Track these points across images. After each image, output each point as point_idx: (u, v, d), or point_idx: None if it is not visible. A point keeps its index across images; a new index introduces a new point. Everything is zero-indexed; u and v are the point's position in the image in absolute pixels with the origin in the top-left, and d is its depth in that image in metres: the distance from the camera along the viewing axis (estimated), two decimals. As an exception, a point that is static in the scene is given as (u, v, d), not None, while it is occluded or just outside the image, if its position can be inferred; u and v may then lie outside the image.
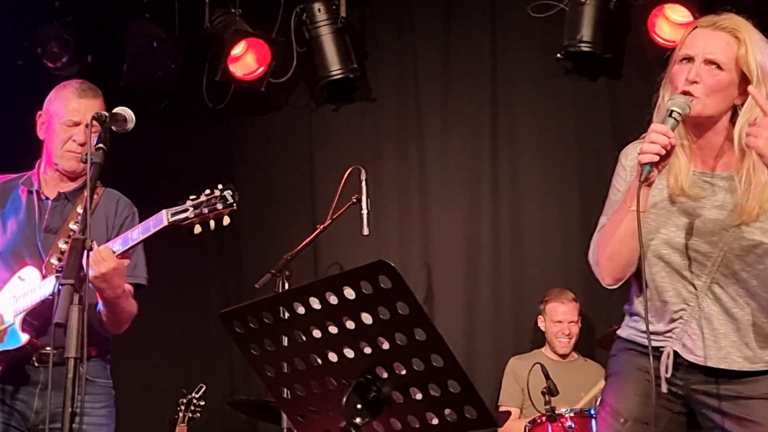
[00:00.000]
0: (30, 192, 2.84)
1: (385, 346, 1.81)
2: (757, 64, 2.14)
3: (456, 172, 4.85)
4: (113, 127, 2.57)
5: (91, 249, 2.27)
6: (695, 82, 2.15)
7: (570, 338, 4.42)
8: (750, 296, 2.23)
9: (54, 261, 2.69)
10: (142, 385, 4.68)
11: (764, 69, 2.15)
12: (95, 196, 2.81)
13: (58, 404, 2.18)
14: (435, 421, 1.83)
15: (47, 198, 2.82)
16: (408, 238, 4.86)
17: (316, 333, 1.86)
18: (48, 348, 2.60)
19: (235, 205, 2.55)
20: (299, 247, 3.99)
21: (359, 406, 1.83)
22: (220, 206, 2.54)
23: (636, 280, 2.32)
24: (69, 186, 2.83)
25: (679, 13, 4.32)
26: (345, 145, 4.97)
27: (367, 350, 1.83)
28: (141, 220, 2.75)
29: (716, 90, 2.16)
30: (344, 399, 1.82)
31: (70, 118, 2.76)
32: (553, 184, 4.75)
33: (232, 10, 4.80)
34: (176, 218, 2.54)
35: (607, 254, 2.26)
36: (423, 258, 4.81)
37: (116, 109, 2.58)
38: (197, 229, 2.55)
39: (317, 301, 1.83)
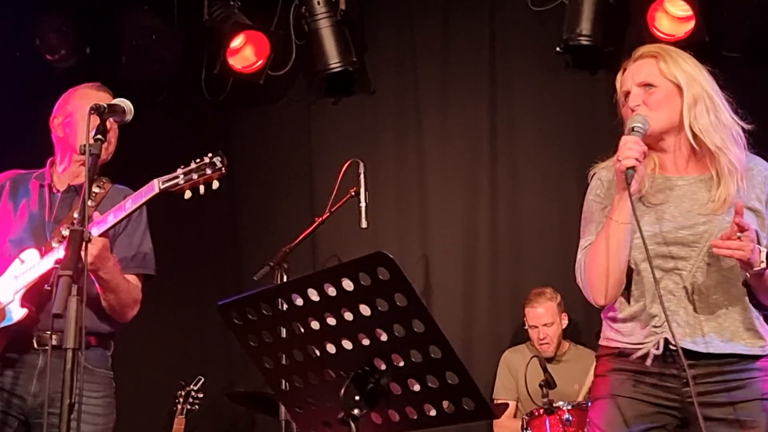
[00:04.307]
0: (41, 185, 2.90)
1: (384, 337, 1.81)
2: (681, 70, 2.35)
3: (454, 165, 4.85)
4: (112, 119, 2.58)
5: (90, 240, 2.28)
6: (638, 106, 2.35)
7: (548, 343, 4.35)
8: (729, 283, 2.29)
9: (55, 244, 2.73)
10: (140, 377, 4.68)
11: (688, 73, 2.35)
12: (102, 190, 2.87)
13: (55, 389, 2.19)
14: (433, 413, 1.84)
15: (58, 191, 2.88)
16: (406, 230, 4.86)
17: (315, 324, 1.87)
18: (49, 332, 2.63)
19: (223, 169, 2.59)
20: (298, 240, 3.99)
21: (357, 397, 1.83)
22: (209, 171, 2.59)
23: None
24: (80, 180, 2.86)
25: (679, 7, 4.32)
26: (344, 137, 4.97)
27: (366, 342, 1.83)
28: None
29: (659, 105, 2.34)
30: (342, 390, 1.83)
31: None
32: (552, 177, 4.75)
33: (231, 3, 4.79)
34: (167, 185, 2.60)
35: (599, 272, 2.31)
36: (421, 250, 4.81)
37: (115, 101, 2.59)
38: (187, 194, 2.61)
39: (316, 292, 1.83)
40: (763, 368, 2.30)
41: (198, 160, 2.61)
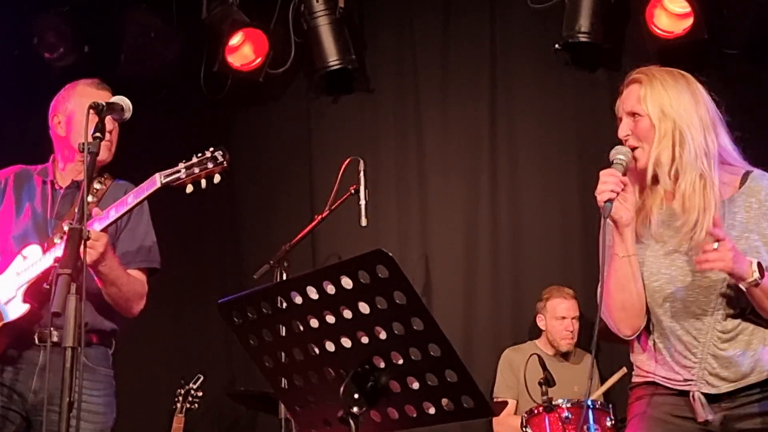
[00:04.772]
0: (44, 182, 2.90)
1: (383, 335, 1.81)
2: (656, 102, 2.27)
3: (454, 163, 4.85)
4: (111, 117, 2.57)
5: (89, 238, 2.28)
6: (627, 136, 2.32)
7: (573, 337, 4.36)
8: (752, 317, 2.25)
9: (57, 240, 2.74)
10: (140, 375, 4.68)
11: (663, 106, 2.26)
12: (103, 186, 2.87)
13: (56, 385, 2.19)
14: (432, 411, 1.84)
15: (60, 187, 2.88)
16: (406, 229, 4.86)
17: (314, 323, 1.86)
18: (50, 328, 2.63)
19: (225, 163, 2.60)
20: (297, 238, 3.99)
21: (357, 395, 1.83)
22: (210, 165, 2.60)
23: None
24: (80, 175, 2.85)
25: (678, 4, 4.31)
26: (343, 136, 4.97)
27: (365, 340, 1.83)
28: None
29: (647, 137, 2.29)
30: (342, 389, 1.83)
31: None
32: (552, 175, 4.75)
33: (230, 0, 4.78)
34: (169, 179, 2.61)
35: (616, 307, 2.29)
36: (421, 249, 4.81)
37: (113, 99, 2.59)
38: (189, 188, 2.62)
39: (315, 290, 1.83)
40: None
41: (199, 155, 2.61)
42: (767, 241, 2.25)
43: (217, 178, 2.61)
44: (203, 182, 2.61)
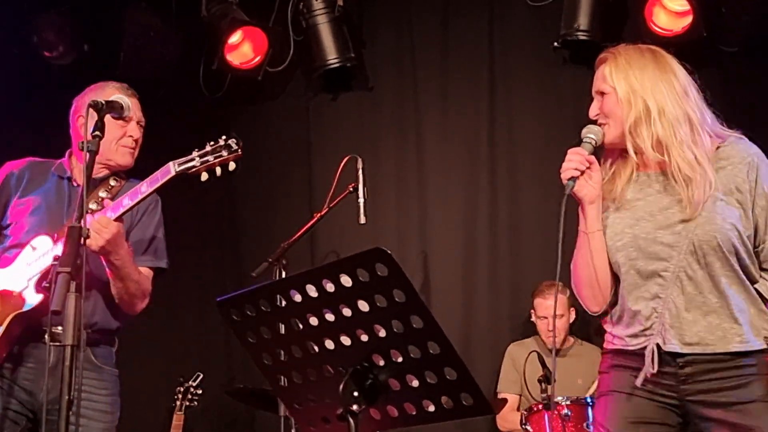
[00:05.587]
0: (61, 178, 2.89)
1: (382, 333, 1.81)
2: (623, 79, 2.33)
3: (453, 160, 4.85)
4: (111, 115, 2.57)
5: (88, 237, 2.28)
6: (597, 115, 2.39)
7: (558, 333, 4.34)
8: (718, 280, 2.27)
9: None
10: (139, 373, 4.67)
11: (631, 84, 2.31)
12: (117, 184, 2.87)
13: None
14: (431, 408, 1.84)
15: (78, 185, 2.86)
16: (405, 226, 4.86)
17: (313, 321, 1.86)
18: (60, 328, 2.63)
19: (239, 150, 2.61)
20: (296, 236, 3.99)
21: (356, 393, 1.83)
22: (225, 153, 2.61)
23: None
24: (96, 174, 2.86)
25: (676, 2, 4.31)
26: (343, 134, 4.97)
27: (364, 338, 1.83)
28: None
29: (612, 113, 2.35)
30: (341, 386, 1.83)
31: (127, 113, 2.78)
32: (551, 172, 4.68)
33: (229, -1, 4.79)
34: (183, 167, 2.60)
35: (583, 283, 2.39)
36: (420, 247, 4.81)
37: (113, 97, 2.59)
38: (204, 176, 2.62)
39: (314, 288, 1.83)
40: (763, 364, 2.27)
41: (212, 143, 2.62)
42: (734, 199, 2.27)
43: (232, 166, 2.62)
44: (218, 170, 2.61)
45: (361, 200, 3.95)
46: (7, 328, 2.68)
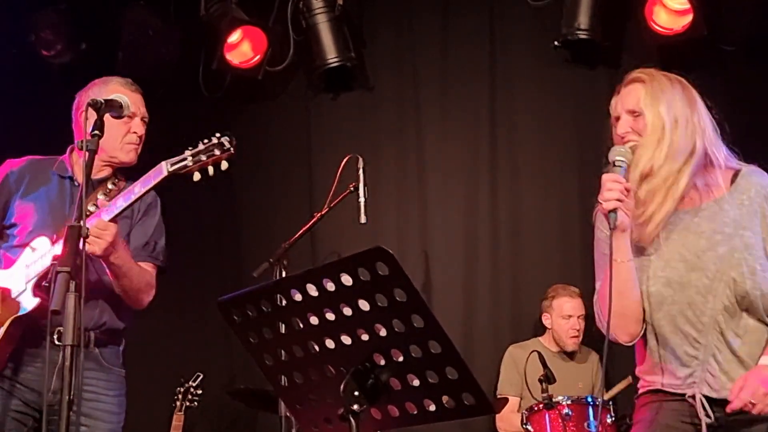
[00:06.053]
0: (62, 177, 2.88)
1: (383, 332, 1.80)
2: (654, 103, 2.29)
3: (454, 160, 4.85)
4: (110, 114, 2.57)
5: (87, 236, 2.27)
6: (627, 132, 2.31)
7: (579, 336, 4.32)
8: (746, 324, 2.25)
9: None
10: (139, 373, 4.62)
11: (661, 108, 2.28)
12: (116, 187, 2.86)
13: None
14: (432, 408, 1.83)
15: (79, 184, 2.83)
16: (406, 226, 4.85)
17: (314, 320, 1.86)
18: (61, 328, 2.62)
19: (232, 149, 2.58)
20: (297, 236, 3.98)
21: (357, 393, 1.82)
22: (217, 152, 2.57)
23: (640, 339, 2.34)
24: (101, 173, 2.86)
25: (677, 1, 4.31)
26: (343, 133, 4.96)
27: (365, 337, 1.82)
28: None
29: (643, 132, 2.29)
30: (342, 386, 1.82)
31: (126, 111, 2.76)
32: (552, 172, 4.74)
33: (228, -2, 4.78)
34: (175, 167, 2.58)
35: (617, 312, 2.24)
36: (421, 246, 4.81)
37: (112, 96, 2.58)
38: (197, 176, 2.59)
39: (315, 288, 1.82)
40: None
41: (206, 141, 2.59)
42: (761, 237, 2.25)
43: (224, 165, 2.58)
44: (211, 169, 2.58)
45: (362, 200, 3.95)
46: (6, 331, 2.68)
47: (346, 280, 1.78)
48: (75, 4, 4.83)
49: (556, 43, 4.56)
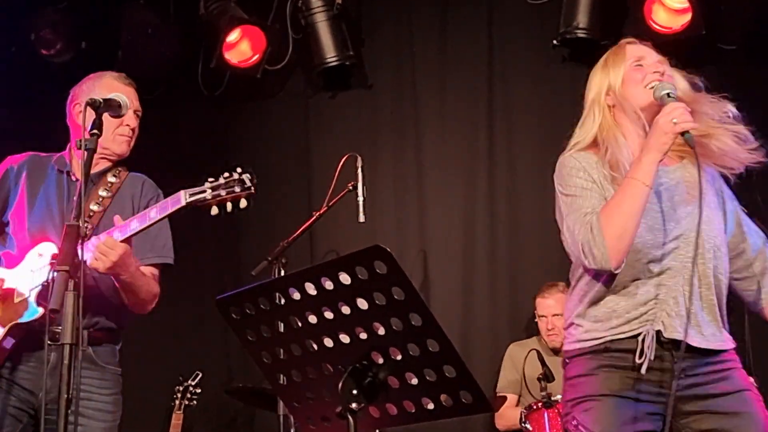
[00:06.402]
0: (61, 172, 2.87)
1: (381, 331, 1.81)
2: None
3: (452, 159, 4.85)
4: (108, 113, 2.56)
5: (86, 236, 2.27)
6: (664, 68, 2.40)
7: (555, 333, 4.30)
8: (716, 276, 2.29)
9: None
10: (138, 372, 4.63)
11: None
12: (117, 180, 2.86)
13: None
14: (430, 406, 1.84)
15: (77, 179, 2.84)
16: (404, 225, 4.85)
17: (312, 318, 1.86)
18: (60, 327, 2.62)
19: (252, 188, 2.55)
20: (295, 234, 3.99)
21: (355, 391, 1.83)
22: (237, 189, 2.55)
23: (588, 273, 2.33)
24: (99, 167, 2.85)
25: (676, 0, 4.31)
26: (342, 132, 4.96)
27: (363, 335, 1.83)
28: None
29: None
30: (340, 385, 1.82)
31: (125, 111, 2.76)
32: (550, 170, 4.71)
33: (227, -3, 4.78)
34: (194, 199, 2.56)
35: (616, 233, 2.21)
36: (419, 245, 4.81)
37: (111, 95, 2.58)
38: (214, 210, 2.59)
39: (313, 286, 1.82)
40: (736, 359, 2.30)
41: (227, 175, 2.55)
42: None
43: (243, 204, 2.56)
44: (229, 206, 2.55)
45: (361, 198, 3.96)
46: (6, 335, 2.68)
47: (345, 278, 1.78)
48: (75, 4, 4.84)
49: (554, 41, 4.57)
